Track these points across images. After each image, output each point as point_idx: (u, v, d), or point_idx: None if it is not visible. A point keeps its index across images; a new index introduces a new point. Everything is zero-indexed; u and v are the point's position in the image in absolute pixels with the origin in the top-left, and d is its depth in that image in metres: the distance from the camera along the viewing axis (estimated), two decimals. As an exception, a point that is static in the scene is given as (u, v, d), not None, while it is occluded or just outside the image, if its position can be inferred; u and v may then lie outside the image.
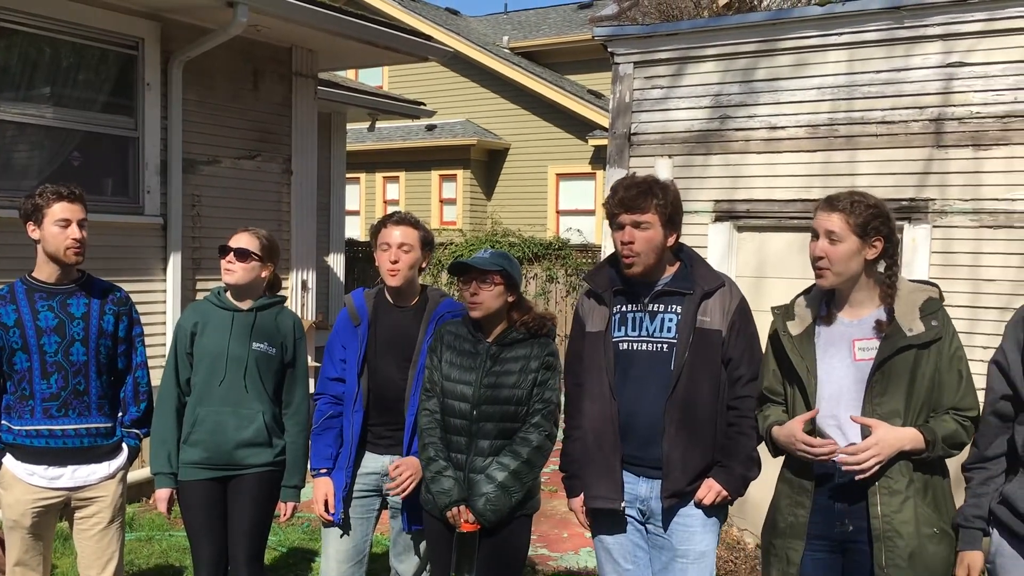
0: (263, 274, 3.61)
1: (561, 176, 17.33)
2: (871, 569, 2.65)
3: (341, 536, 3.46)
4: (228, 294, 3.60)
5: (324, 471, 3.44)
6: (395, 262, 3.32)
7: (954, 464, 2.81)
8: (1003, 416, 2.58)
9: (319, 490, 3.43)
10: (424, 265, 3.44)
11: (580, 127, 16.54)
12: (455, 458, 3.16)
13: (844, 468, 2.63)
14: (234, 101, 7.17)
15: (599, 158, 15.73)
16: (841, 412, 2.70)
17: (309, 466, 3.53)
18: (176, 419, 3.53)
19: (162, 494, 3.53)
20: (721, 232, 6.05)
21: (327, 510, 3.40)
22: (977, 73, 5.18)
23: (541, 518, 6.09)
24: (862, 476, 2.62)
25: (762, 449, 2.95)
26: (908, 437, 2.62)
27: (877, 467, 2.61)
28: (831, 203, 2.74)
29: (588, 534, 3.20)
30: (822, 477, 2.73)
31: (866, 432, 2.64)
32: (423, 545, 3.43)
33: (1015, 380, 2.54)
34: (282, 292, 3.87)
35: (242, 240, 3.55)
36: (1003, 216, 5.09)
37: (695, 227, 6.05)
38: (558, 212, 17.26)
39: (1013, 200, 5.05)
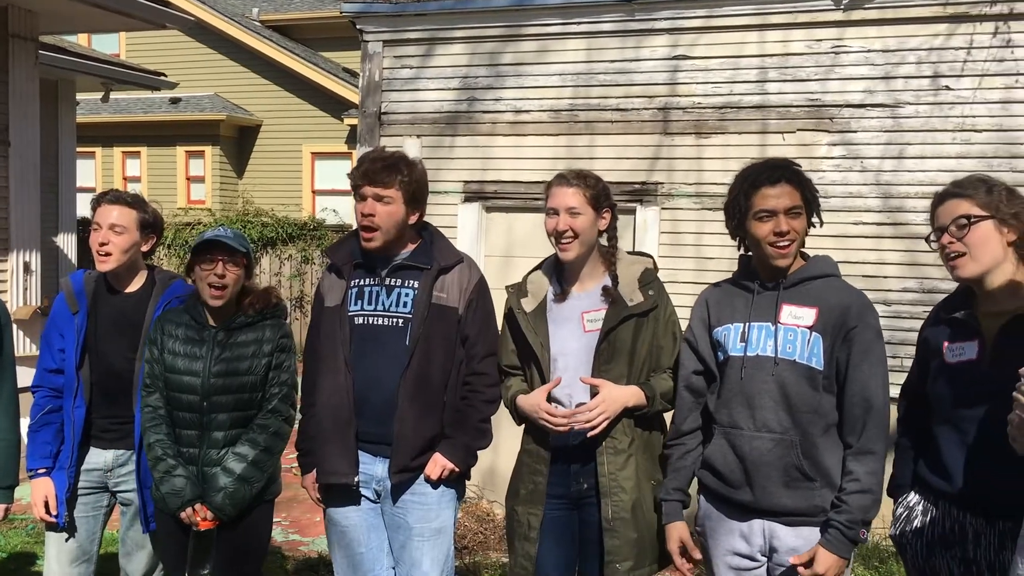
0: None
1: (316, 155, 16.94)
2: (600, 522, 2.83)
3: (66, 538, 3.22)
4: None
5: (43, 471, 3.18)
6: (104, 244, 3.11)
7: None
8: (695, 391, 2.79)
9: (38, 492, 3.15)
10: (147, 248, 3.23)
11: (335, 106, 16.23)
12: (186, 453, 3.00)
13: (576, 427, 2.79)
14: (-63, 62, 6.41)
15: (355, 137, 15.55)
16: (574, 381, 2.86)
17: (25, 465, 3.22)
18: None
19: None
20: (471, 212, 6.17)
21: (48, 512, 3.15)
22: (699, 66, 5.62)
23: (293, 503, 5.98)
24: (593, 433, 2.79)
25: (501, 420, 3.05)
26: (631, 393, 2.82)
27: (606, 423, 2.79)
28: (565, 179, 2.90)
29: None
30: (558, 444, 2.88)
31: (594, 392, 2.81)
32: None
33: (704, 354, 2.75)
34: (1, 275, 3.49)
35: None
36: (721, 199, 5.52)
37: (445, 207, 6.14)
38: (314, 192, 16.88)
39: (728, 185, 5.53)
